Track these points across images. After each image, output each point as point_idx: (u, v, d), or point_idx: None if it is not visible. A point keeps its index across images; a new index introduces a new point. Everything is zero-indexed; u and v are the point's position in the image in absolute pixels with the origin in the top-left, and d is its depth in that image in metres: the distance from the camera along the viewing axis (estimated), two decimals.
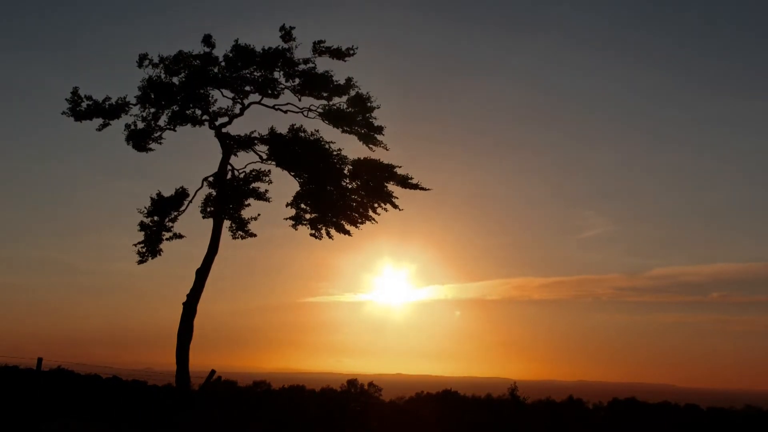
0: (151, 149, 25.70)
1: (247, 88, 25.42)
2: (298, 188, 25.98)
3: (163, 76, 24.92)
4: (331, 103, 25.47)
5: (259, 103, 25.82)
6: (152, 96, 24.92)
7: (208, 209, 25.62)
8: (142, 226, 24.96)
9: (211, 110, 25.57)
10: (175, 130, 25.67)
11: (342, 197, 25.88)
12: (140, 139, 25.31)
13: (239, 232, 25.81)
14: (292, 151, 25.37)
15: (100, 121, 24.83)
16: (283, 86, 25.41)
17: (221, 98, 25.56)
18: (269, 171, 25.90)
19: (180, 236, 25.26)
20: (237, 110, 25.80)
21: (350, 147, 26.14)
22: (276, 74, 25.23)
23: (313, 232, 26.18)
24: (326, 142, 25.44)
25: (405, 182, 25.48)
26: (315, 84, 25.13)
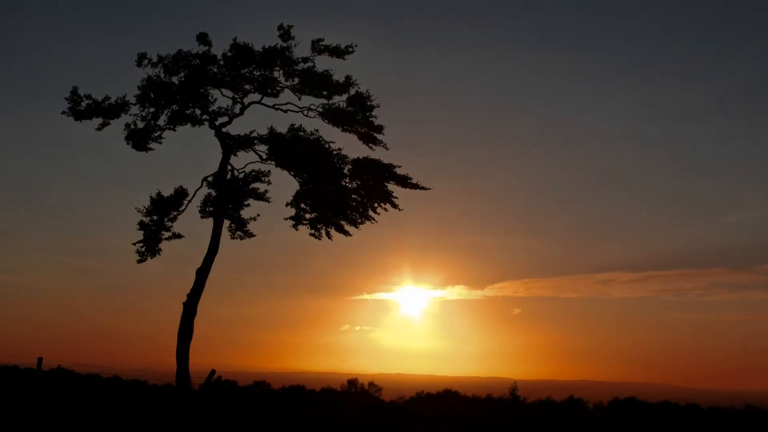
0: (150, 149, 25.76)
1: (247, 87, 25.44)
2: (298, 188, 26.00)
3: (162, 75, 24.98)
4: (330, 102, 25.49)
5: (258, 102, 25.82)
6: (152, 95, 24.96)
7: (208, 209, 25.64)
8: (142, 225, 25.03)
9: (210, 110, 25.58)
10: (175, 130, 25.72)
11: (342, 197, 25.87)
12: (140, 139, 25.36)
13: (238, 232, 25.85)
14: (292, 150, 25.37)
15: (99, 120, 24.94)
16: (282, 85, 25.45)
17: (221, 98, 25.64)
18: (269, 171, 25.95)
19: (179, 236, 25.33)
20: (237, 110, 25.83)
21: (350, 146, 26.15)
22: (275, 73, 25.28)
23: (313, 232, 26.20)
24: (326, 141, 25.47)
25: (405, 182, 25.46)
26: (314, 83, 25.14)
